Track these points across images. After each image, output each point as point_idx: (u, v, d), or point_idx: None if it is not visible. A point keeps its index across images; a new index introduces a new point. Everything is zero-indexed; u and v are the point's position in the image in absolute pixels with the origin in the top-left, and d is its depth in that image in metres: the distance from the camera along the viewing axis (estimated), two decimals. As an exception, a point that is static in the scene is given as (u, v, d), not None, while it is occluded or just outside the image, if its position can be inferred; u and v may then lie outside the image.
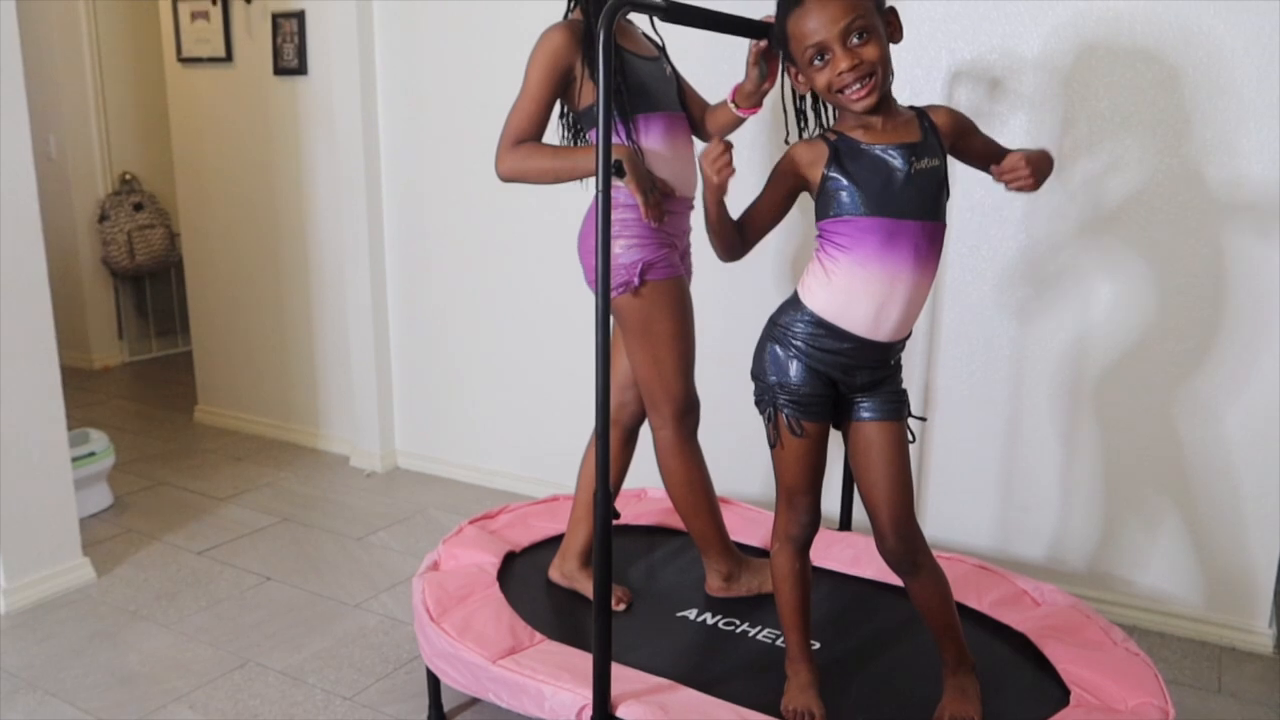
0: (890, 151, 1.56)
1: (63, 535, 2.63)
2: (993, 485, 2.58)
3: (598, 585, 1.66)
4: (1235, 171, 2.17)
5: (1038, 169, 1.58)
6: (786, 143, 1.70)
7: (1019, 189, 1.60)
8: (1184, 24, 2.17)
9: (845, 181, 1.56)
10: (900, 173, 1.55)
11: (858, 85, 1.51)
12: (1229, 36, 2.13)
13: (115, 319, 5.11)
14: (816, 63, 1.53)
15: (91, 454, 3.08)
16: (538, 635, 1.93)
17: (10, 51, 2.40)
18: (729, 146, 1.56)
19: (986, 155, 1.68)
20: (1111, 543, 2.46)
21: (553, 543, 2.35)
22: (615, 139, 1.82)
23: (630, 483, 2.34)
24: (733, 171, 1.56)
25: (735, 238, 1.66)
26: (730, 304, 2.76)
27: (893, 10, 1.58)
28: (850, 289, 1.57)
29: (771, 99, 1.93)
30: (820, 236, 1.61)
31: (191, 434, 4.01)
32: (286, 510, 3.18)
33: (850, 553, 2.30)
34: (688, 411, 2.00)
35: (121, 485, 3.34)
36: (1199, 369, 2.29)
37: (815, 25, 1.50)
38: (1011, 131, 2.37)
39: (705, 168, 1.57)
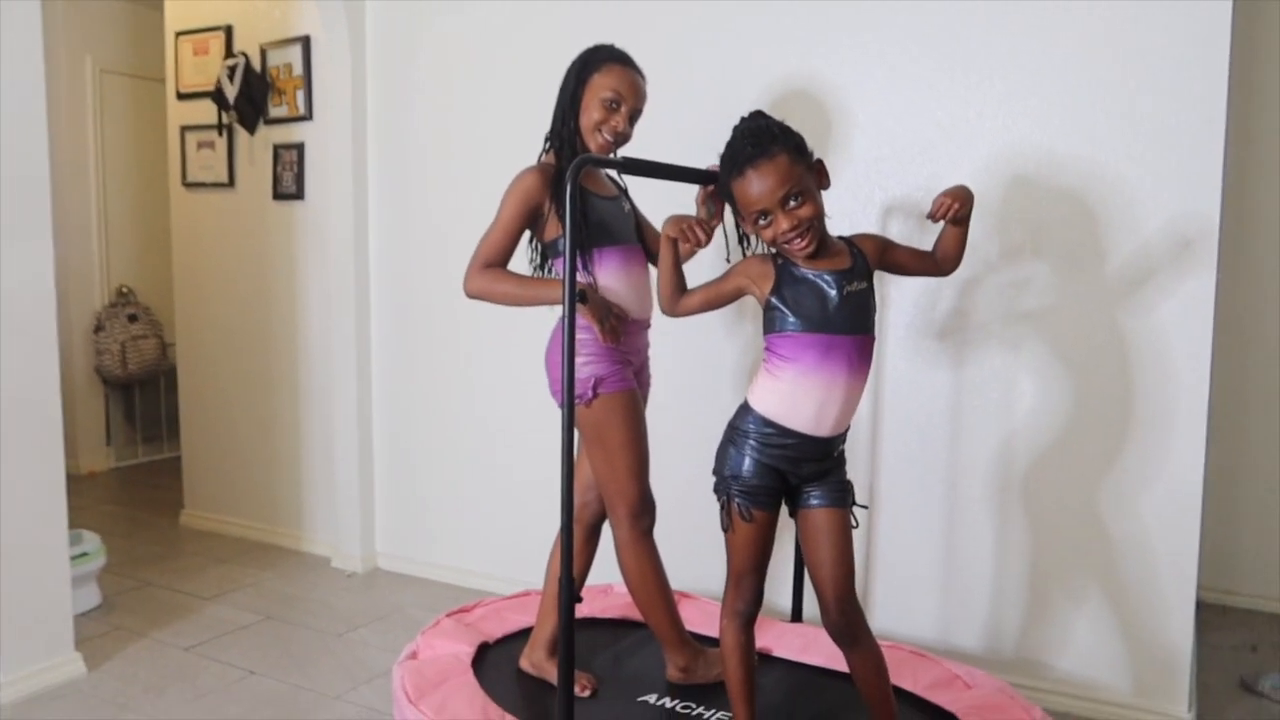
0: (825, 277, 1.82)
1: (57, 631, 2.75)
2: (934, 578, 2.78)
3: (562, 668, 1.85)
4: (1138, 297, 2.46)
5: (957, 196, 1.87)
6: (728, 260, 1.98)
7: (954, 215, 1.87)
8: (1088, 165, 2.48)
9: (788, 303, 1.82)
10: (834, 295, 1.81)
11: (799, 239, 1.78)
12: (1133, 175, 2.44)
13: (104, 425, 5.28)
14: (761, 222, 1.80)
15: (85, 554, 3.22)
16: (509, 717, 2.09)
17: (40, 182, 2.65)
18: (703, 222, 1.91)
19: (913, 257, 1.98)
20: (1038, 631, 2.65)
21: (524, 634, 2.52)
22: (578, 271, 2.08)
23: (597, 578, 2.53)
24: (693, 242, 1.89)
25: (676, 292, 1.93)
26: (692, 411, 2.98)
27: (819, 162, 1.86)
28: (794, 394, 1.81)
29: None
30: (767, 349, 1.87)
31: (177, 537, 4.15)
32: (270, 609, 3.32)
33: (800, 641, 2.48)
34: (643, 512, 2.19)
35: (110, 586, 3.47)
36: (1116, 464, 2.52)
37: (756, 194, 1.77)
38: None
39: (669, 226, 1.88)
